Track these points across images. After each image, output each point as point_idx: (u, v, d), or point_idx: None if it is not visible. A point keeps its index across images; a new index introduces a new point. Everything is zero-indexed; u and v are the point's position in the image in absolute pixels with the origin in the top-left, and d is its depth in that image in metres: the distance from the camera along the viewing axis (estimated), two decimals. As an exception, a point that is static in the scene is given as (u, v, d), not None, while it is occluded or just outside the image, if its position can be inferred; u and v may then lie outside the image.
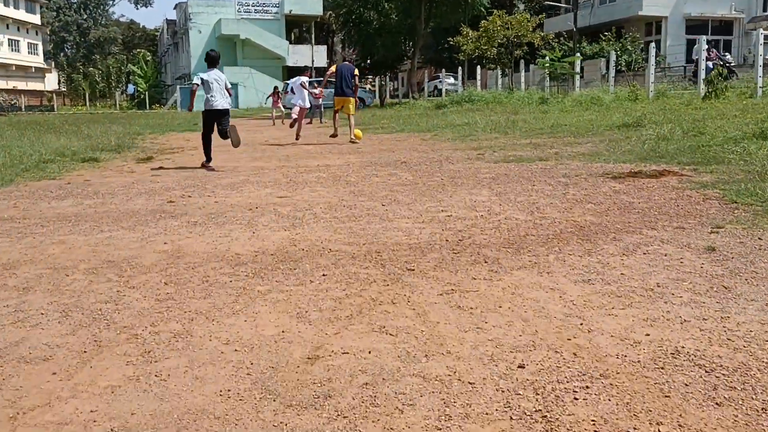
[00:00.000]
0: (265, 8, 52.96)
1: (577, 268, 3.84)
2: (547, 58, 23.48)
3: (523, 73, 27.82)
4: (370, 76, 46.60)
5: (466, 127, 15.63)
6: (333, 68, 14.92)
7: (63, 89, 69.98)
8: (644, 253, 4.14)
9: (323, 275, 3.85)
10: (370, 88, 45.55)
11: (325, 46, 56.05)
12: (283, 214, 5.97)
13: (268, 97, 29.54)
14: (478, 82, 32.31)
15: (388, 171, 9.05)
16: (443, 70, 44.88)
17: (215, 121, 10.21)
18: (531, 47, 27.78)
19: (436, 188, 7.19)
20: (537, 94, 23.61)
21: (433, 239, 4.72)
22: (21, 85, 63.94)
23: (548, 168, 8.34)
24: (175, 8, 64.44)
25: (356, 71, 14.49)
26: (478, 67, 33.22)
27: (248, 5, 52.59)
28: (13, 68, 62.92)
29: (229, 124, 10.38)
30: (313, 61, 51.85)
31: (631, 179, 7.16)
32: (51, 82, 71.52)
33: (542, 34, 26.90)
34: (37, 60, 69.69)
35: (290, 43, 54.18)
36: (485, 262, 4.06)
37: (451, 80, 41.51)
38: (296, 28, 59.83)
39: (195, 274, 3.93)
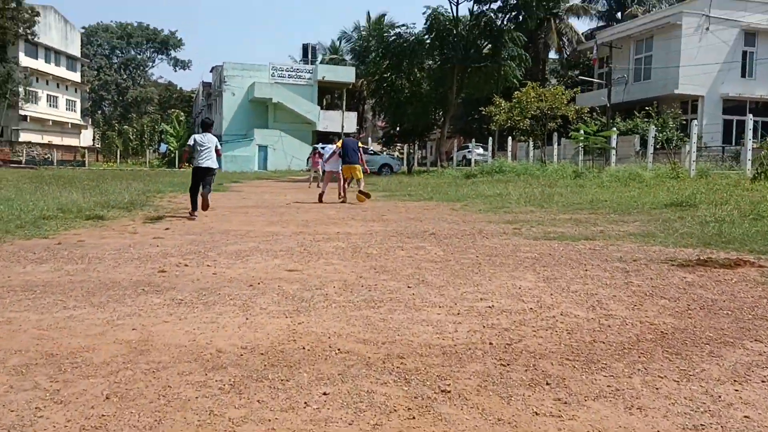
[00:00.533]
0: (299, 74, 53.60)
1: (679, 403, 2.75)
2: (581, 131, 22.69)
3: (555, 146, 27.03)
4: (399, 144, 46.31)
5: (498, 198, 14.69)
6: (339, 143, 16.56)
7: (97, 146, 71.15)
8: (763, 381, 3.03)
9: (324, 394, 2.81)
10: (398, 155, 45.22)
11: (356, 113, 56.33)
12: (289, 293, 4.98)
13: (308, 159, 29.07)
14: (509, 153, 31.62)
15: (414, 243, 8.06)
16: (473, 140, 44.49)
17: (201, 176, 11.61)
18: (564, 120, 27.13)
19: (471, 268, 6.16)
20: (570, 167, 22.71)
21: (472, 340, 3.67)
22: (56, 140, 65.00)
23: (598, 249, 7.27)
24: (211, 71, 65.84)
25: (360, 144, 16.77)
26: (509, 138, 32.62)
27: (282, 71, 53.29)
28: (50, 123, 64.09)
29: (212, 181, 12.00)
30: (343, 126, 51.97)
31: (702, 269, 6.05)
32: (86, 138, 72.81)
33: (576, 108, 26.21)
34: (75, 116, 71.12)
35: (321, 108, 54.52)
36: (547, 383, 2.98)
37: (481, 150, 40.99)
38: (328, 94, 60.41)
39: (153, 382, 2.92)
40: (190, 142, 11.61)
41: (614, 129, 24.58)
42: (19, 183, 19.29)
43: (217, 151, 11.60)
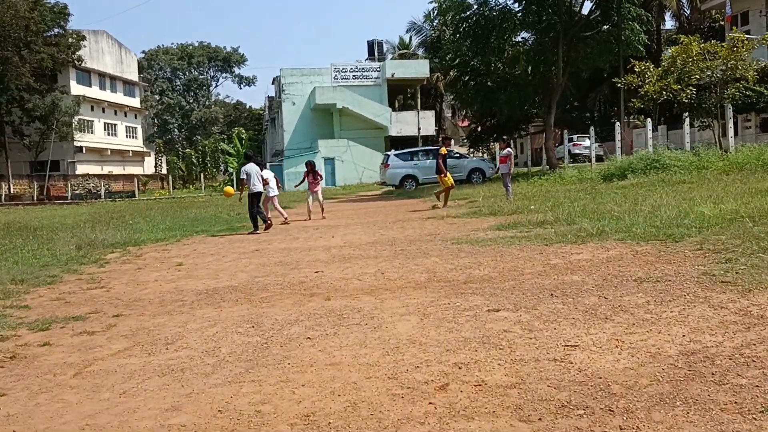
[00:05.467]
0: (365, 73, 47.20)
1: None
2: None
3: (731, 123, 18.96)
4: (493, 143, 38.74)
5: (735, 223, 7.26)
6: (444, 149, 16.86)
7: (161, 172, 67.34)
8: None
9: None
10: (489, 157, 37.81)
11: (433, 112, 49.27)
12: None
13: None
14: (617, 143, 23.76)
15: None
16: (566, 130, 36.53)
17: (256, 199, 13.81)
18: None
19: None
20: None
21: None
22: (117, 169, 61.41)
23: None
24: (273, 83, 60.69)
25: (442, 150, 16.95)
26: (616, 124, 24.72)
27: (345, 71, 47.04)
28: (109, 152, 60.45)
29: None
30: (419, 129, 45.10)
31: None
32: (150, 165, 69.22)
33: (762, 65, 18.17)
34: (136, 143, 67.59)
35: (393, 110, 47.83)
36: None
37: (586, 142, 33.12)
38: (400, 94, 53.74)
39: None
40: (243, 175, 14.05)
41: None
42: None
43: (262, 178, 14.25)
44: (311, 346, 4.16)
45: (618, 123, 25.85)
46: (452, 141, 16.91)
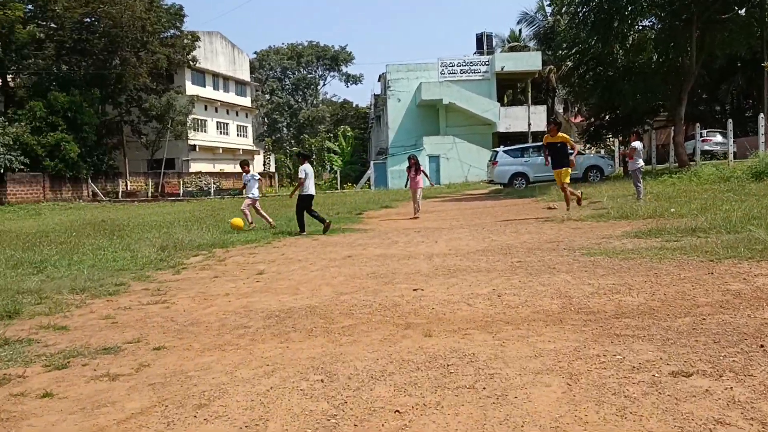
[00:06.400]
0: (473, 67, 45.33)
1: None
2: None
3: None
4: (610, 137, 35.88)
5: None
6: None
7: (270, 170, 68.49)
8: None
9: None
10: (607, 154, 35.03)
11: (544, 107, 46.61)
12: None
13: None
14: (761, 139, 20.54)
15: None
16: (697, 124, 32.97)
17: (308, 202, 12.90)
18: None
19: None
20: None
21: None
22: (228, 167, 62.96)
23: None
24: (379, 80, 60.06)
25: (546, 137, 14.10)
26: (760, 117, 21.51)
27: (452, 65, 45.36)
28: (220, 151, 62.05)
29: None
30: (529, 124, 42.74)
31: None
32: (259, 163, 70.60)
33: None
34: (246, 142, 69.10)
35: (502, 105, 45.67)
36: None
37: (719, 138, 29.75)
38: (509, 89, 51.42)
39: None
40: (302, 174, 12.88)
41: None
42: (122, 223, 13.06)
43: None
44: (401, 430, 2.73)
45: (762, 115, 22.67)
46: (561, 125, 14.55)
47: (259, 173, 60.41)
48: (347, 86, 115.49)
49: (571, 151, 13.65)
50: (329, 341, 4.25)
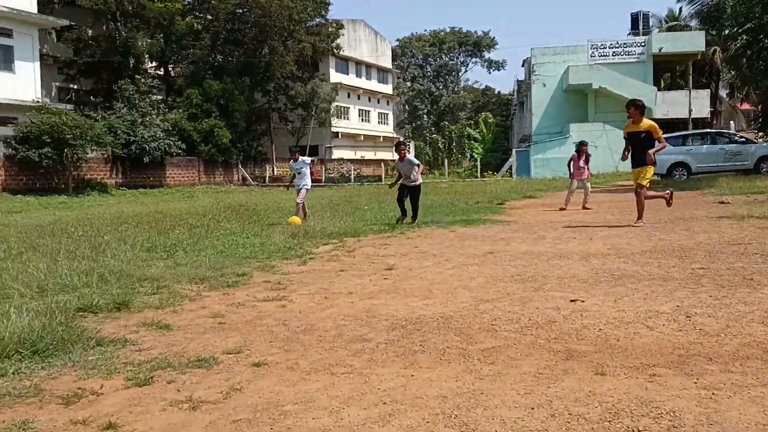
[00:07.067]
0: (626, 49, 42.04)
1: None
2: None
3: None
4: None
5: None
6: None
7: (409, 157, 68.32)
8: None
9: None
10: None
11: (707, 91, 42.28)
12: None
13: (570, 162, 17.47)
14: None
15: None
16: None
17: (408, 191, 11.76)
18: None
19: None
20: None
21: None
22: (369, 155, 63.63)
23: None
24: (523, 65, 57.87)
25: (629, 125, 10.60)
26: None
27: (604, 47, 42.33)
28: (362, 138, 62.73)
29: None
30: (690, 110, 38.93)
31: None
32: (399, 150, 70.68)
33: None
34: (387, 129, 69.44)
35: (658, 90, 41.99)
36: None
37: None
38: (667, 72, 47.30)
39: None
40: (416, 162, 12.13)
41: None
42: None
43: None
44: None
45: None
46: (644, 109, 11.32)
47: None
48: (489, 72, 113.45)
49: (658, 145, 10.42)
50: (466, 371, 3.31)
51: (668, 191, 11.31)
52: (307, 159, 13.48)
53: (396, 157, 12.75)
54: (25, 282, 5.66)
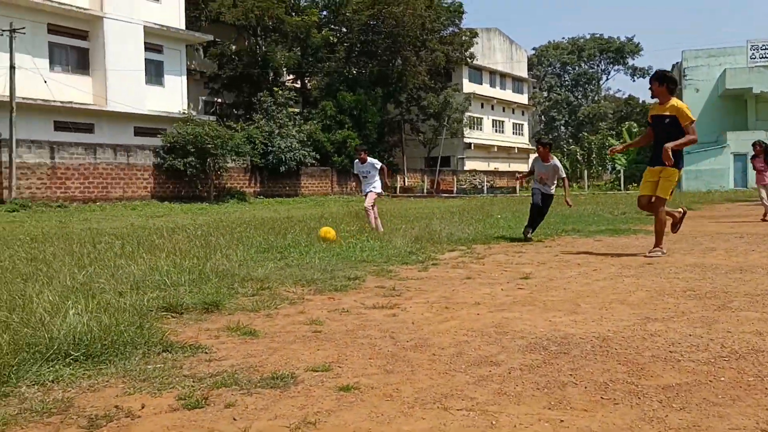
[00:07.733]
0: (796, 48, 37.66)
1: None
2: None
3: None
4: None
5: None
6: None
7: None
8: None
9: None
10: None
11: None
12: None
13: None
14: None
15: None
16: None
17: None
18: None
19: None
20: None
21: None
22: (502, 166, 61.92)
23: None
24: (672, 70, 53.78)
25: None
26: None
27: (765, 48, 38.25)
28: (495, 149, 61.10)
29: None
30: None
31: None
32: (533, 162, 68.26)
33: None
34: (522, 140, 67.25)
35: (835, 92, 37.22)
36: None
37: None
38: None
39: None
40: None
41: None
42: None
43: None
44: None
45: None
46: (676, 84, 7.32)
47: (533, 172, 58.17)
48: (633, 80, 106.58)
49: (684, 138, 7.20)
50: (643, 418, 2.23)
51: (680, 209, 8.39)
52: (377, 162, 11.19)
53: (533, 156, 11.46)
54: (120, 279, 5.21)
